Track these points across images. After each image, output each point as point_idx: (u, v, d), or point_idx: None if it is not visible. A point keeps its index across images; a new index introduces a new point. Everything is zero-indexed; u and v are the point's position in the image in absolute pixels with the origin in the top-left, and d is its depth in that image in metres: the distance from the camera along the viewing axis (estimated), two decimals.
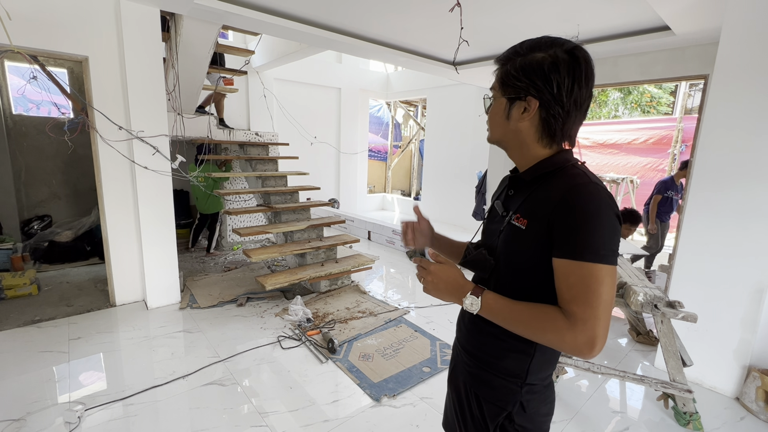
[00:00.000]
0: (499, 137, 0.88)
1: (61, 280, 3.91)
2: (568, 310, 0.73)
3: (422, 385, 2.37)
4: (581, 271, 0.72)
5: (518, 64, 0.81)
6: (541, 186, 0.83)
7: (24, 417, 1.98)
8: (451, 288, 0.85)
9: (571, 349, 0.72)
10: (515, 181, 0.91)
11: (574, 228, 0.73)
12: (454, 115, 7.18)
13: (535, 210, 0.80)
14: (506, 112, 0.84)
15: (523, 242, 0.81)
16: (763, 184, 2.14)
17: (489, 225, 0.96)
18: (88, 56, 2.87)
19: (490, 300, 0.81)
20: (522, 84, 0.80)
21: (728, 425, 2.12)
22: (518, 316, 0.78)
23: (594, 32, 3.36)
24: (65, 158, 4.90)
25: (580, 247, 0.72)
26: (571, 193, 0.75)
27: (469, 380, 0.96)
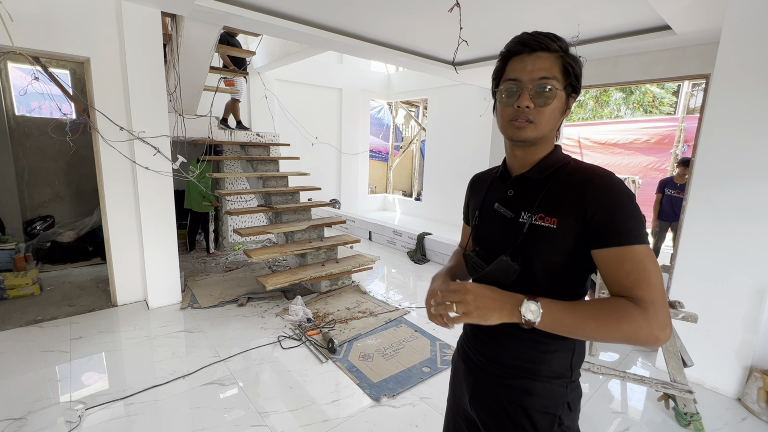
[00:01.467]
0: (546, 134, 0.82)
1: (64, 280, 3.93)
2: (634, 296, 0.70)
3: (422, 385, 2.37)
4: (634, 255, 0.71)
5: (574, 59, 0.79)
6: (556, 182, 0.81)
7: (25, 416, 1.99)
8: (498, 302, 0.74)
9: (647, 337, 0.68)
10: (519, 180, 0.87)
11: (618, 215, 0.73)
12: (455, 116, 7.18)
13: (561, 207, 0.78)
14: (563, 107, 0.81)
15: (557, 241, 0.78)
16: (764, 183, 2.13)
17: (489, 229, 0.90)
18: (89, 57, 2.89)
19: (549, 303, 0.72)
20: (578, 78, 0.80)
21: (729, 426, 2.11)
22: (586, 317, 0.71)
23: (594, 32, 3.35)
24: (68, 159, 4.92)
25: (628, 232, 0.72)
26: (603, 183, 0.75)
27: (507, 394, 0.87)
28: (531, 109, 0.78)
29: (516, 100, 0.79)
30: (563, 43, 0.79)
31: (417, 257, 4.97)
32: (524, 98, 0.78)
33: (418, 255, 4.98)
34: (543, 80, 0.76)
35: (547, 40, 0.78)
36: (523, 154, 0.85)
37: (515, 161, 0.88)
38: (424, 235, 5.07)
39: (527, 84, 0.77)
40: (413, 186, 10.67)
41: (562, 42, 0.79)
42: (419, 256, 4.97)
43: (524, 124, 0.79)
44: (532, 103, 0.78)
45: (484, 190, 0.97)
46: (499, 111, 0.84)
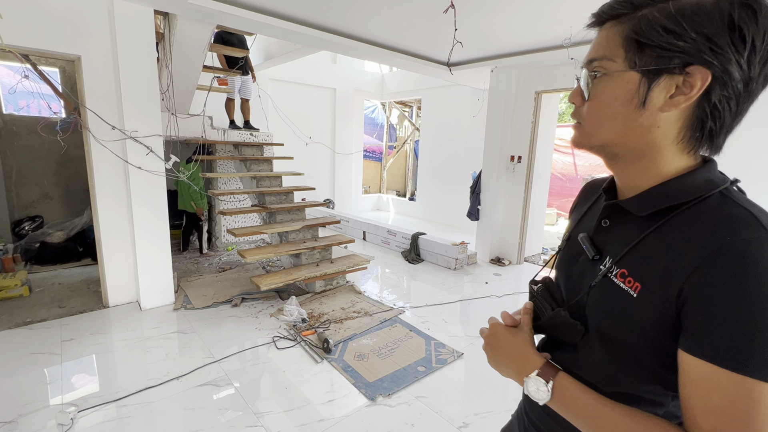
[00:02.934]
0: (613, 138, 0.55)
1: (53, 282, 3.87)
2: None
3: (417, 384, 2.38)
4: (738, 388, 0.44)
5: (674, 8, 0.47)
6: (666, 226, 0.53)
7: (16, 419, 1.96)
8: (508, 357, 0.61)
9: None
10: (616, 209, 0.61)
11: (741, 317, 0.43)
12: (448, 116, 7.21)
13: (653, 269, 0.52)
14: (641, 96, 0.51)
15: (633, 317, 0.53)
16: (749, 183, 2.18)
17: (567, 266, 0.68)
18: (80, 55, 2.85)
19: (568, 390, 0.55)
20: (681, 44, 0.47)
21: None
22: (609, 423, 0.50)
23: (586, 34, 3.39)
24: (57, 158, 4.85)
25: (744, 351, 0.43)
26: (736, 251, 0.45)
27: None
28: (578, 105, 0.58)
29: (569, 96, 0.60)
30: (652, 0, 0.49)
31: (411, 257, 4.98)
32: (574, 92, 0.58)
33: (413, 255, 5.00)
34: (591, 63, 0.55)
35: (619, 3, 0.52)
36: (615, 171, 0.61)
37: (618, 181, 0.62)
38: (418, 234, 5.09)
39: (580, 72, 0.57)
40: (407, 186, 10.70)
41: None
42: (413, 255, 4.99)
43: (576, 127, 0.59)
44: (579, 97, 0.57)
45: (586, 206, 0.72)
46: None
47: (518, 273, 4.69)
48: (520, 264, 5.01)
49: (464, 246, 4.75)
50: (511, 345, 0.62)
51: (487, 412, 2.17)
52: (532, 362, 0.59)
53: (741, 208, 0.49)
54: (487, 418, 2.12)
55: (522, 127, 4.77)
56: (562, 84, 4.35)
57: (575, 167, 8.40)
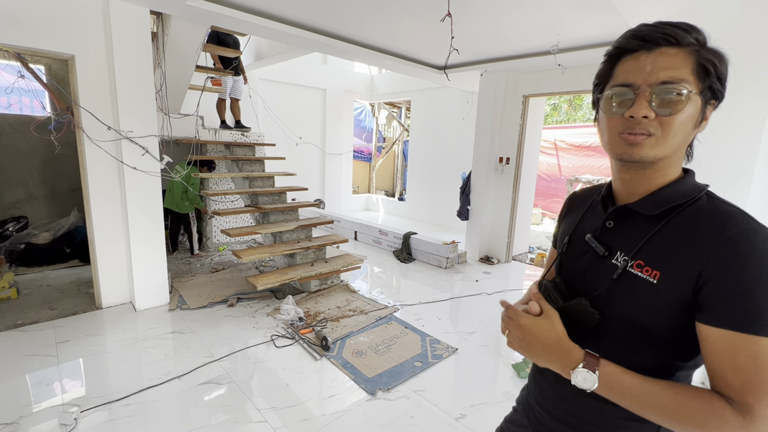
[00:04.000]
0: (673, 150, 0.63)
1: (41, 283, 3.80)
2: (740, 400, 0.54)
3: (415, 379, 2.46)
4: (757, 348, 0.53)
5: (716, 55, 0.61)
6: (673, 223, 0.63)
7: (17, 420, 1.96)
8: (548, 351, 0.64)
9: None
10: (622, 212, 0.70)
11: (751, 289, 0.54)
12: (437, 117, 7.33)
13: (670, 258, 0.61)
14: (700, 116, 0.63)
15: (655, 302, 0.61)
16: (724, 187, 2.34)
17: (574, 263, 0.76)
18: (74, 55, 2.83)
19: (612, 375, 0.60)
20: (724, 81, 0.63)
21: None
22: (657, 402, 0.57)
23: (573, 41, 3.54)
24: (42, 158, 4.75)
25: (757, 316, 0.53)
26: (741, 238, 0.56)
27: None
28: (651, 119, 0.61)
29: (629, 110, 0.62)
30: (701, 36, 0.61)
31: (403, 256, 5.07)
32: (640, 106, 0.61)
33: (404, 254, 5.09)
34: (667, 84, 0.60)
35: (676, 31, 0.60)
36: (634, 178, 0.67)
37: (623, 187, 0.70)
38: (409, 234, 5.18)
39: (645, 89, 0.61)
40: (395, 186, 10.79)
41: (699, 34, 0.62)
42: (405, 255, 5.08)
43: (641, 139, 0.61)
44: (652, 111, 0.60)
45: (580, 213, 0.80)
46: (604, 123, 0.66)
47: (507, 271, 4.83)
48: (508, 262, 5.16)
49: (455, 245, 4.87)
50: (550, 340, 0.64)
51: (482, 404, 2.27)
52: (576, 355, 0.62)
53: (729, 206, 0.62)
54: (482, 408, 2.22)
55: (510, 129, 4.91)
56: (548, 88, 4.50)
57: (559, 168, 8.65)
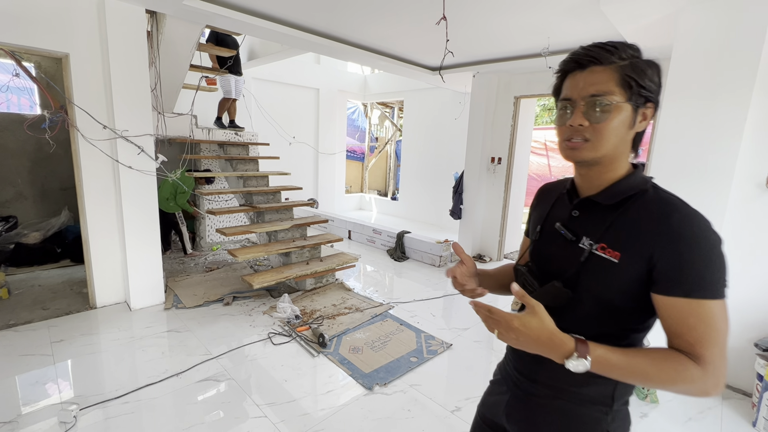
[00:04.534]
0: (608, 152, 0.74)
1: (32, 284, 3.76)
2: (695, 353, 0.66)
3: (411, 374, 2.52)
4: (702, 310, 0.66)
5: (641, 65, 0.72)
6: (628, 212, 0.74)
7: (15, 419, 1.96)
8: (544, 347, 0.70)
9: (700, 394, 0.67)
10: (586, 203, 0.81)
11: (691, 264, 0.66)
12: (430, 117, 7.40)
13: (627, 241, 0.72)
14: (631, 122, 0.73)
15: (618, 278, 0.72)
16: (708, 186, 2.44)
17: (546, 249, 0.86)
18: (68, 53, 2.81)
19: (602, 357, 0.68)
20: (653, 87, 0.73)
21: (679, 398, 2.40)
22: (641, 370, 0.67)
23: (562, 44, 3.64)
24: (32, 157, 4.68)
25: (699, 284, 0.66)
26: (681, 225, 0.68)
27: (542, 414, 0.85)
28: (586, 126, 0.72)
29: (569, 119, 0.74)
30: (626, 52, 0.71)
31: (397, 255, 5.12)
32: (576, 116, 0.73)
33: (398, 253, 5.14)
34: (595, 97, 0.71)
35: (600, 52, 0.71)
36: (587, 174, 0.79)
37: (582, 181, 0.82)
38: (403, 233, 5.24)
39: (579, 102, 0.73)
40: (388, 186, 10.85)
41: (625, 50, 0.71)
42: (399, 254, 5.13)
43: (579, 144, 0.73)
44: (585, 120, 0.72)
45: (549, 203, 0.91)
46: (556, 132, 0.79)
47: None
48: (500, 260, 5.25)
49: (448, 244, 4.94)
50: (543, 337, 0.69)
51: (477, 397, 2.30)
52: (569, 346, 0.68)
53: (671, 195, 0.74)
54: (476, 401, 2.26)
55: (502, 130, 5.00)
56: (539, 90, 4.60)
57: (549, 168, 8.81)
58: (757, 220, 2.38)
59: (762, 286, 2.40)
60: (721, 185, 2.39)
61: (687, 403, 2.35)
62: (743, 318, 2.47)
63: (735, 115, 2.31)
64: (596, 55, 0.72)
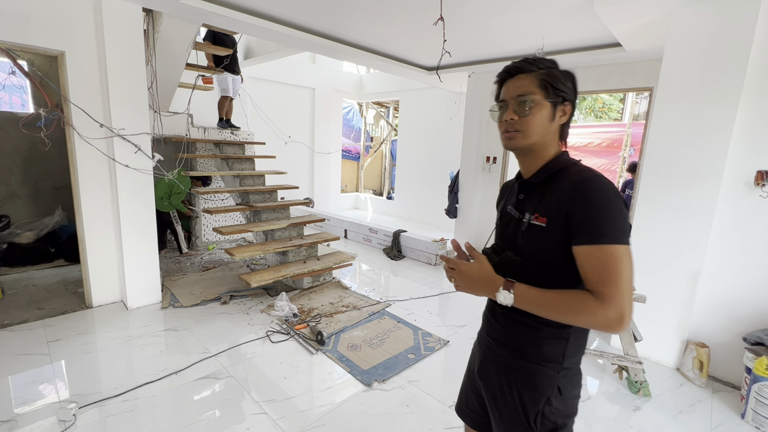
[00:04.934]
0: (536, 140, 0.92)
1: (26, 283, 3.73)
2: (597, 290, 0.80)
3: (409, 370, 2.55)
4: (602, 253, 0.80)
5: (556, 73, 0.92)
6: (552, 185, 0.91)
7: (14, 418, 1.95)
8: (481, 284, 0.89)
9: (603, 326, 0.79)
10: (525, 185, 0.99)
11: (590, 216, 0.81)
12: (426, 117, 7.44)
13: (551, 208, 0.88)
14: (551, 116, 0.92)
15: (546, 238, 0.89)
16: (698, 185, 2.50)
17: (504, 230, 1.03)
18: (64, 51, 2.80)
19: (522, 292, 0.86)
20: (566, 89, 0.92)
21: (670, 391, 2.47)
22: (551, 303, 0.83)
23: (557, 45, 3.69)
24: (24, 155, 4.63)
25: (598, 232, 0.80)
26: (583, 185, 0.84)
27: (505, 371, 1.00)
28: (516, 120, 0.92)
29: (503, 116, 0.94)
30: (542, 63, 0.92)
31: (393, 254, 5.15)
32: (509, 112, 0.93)
33: (394, 252, 5.17)
34: (521, 96, 0.91)
35: (524, 64, 0.93)
36: (523, 160, 0.99)
37: (522, 167, 1.02)
38: (399, 232, 5.27)
39: (510, 101, 0.93)
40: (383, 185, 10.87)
41: (541, 62, 0.92)
42: (395, 252, 5.16)
43: (513, 134, 0.93)
44: (515, 115, 0.92)
45: (506, 194, 1.10)
46: (496, 127, 0.99)
47: None
48: None
49: (443, 242, 4.97)
50: (482, 276, 0.90)
51: None
52: (498, 282, 0.88)
53: (584, 167, 0.91)
54: None
55: (496, 129, 5.01)
56: None
57: None
58: (745, 218, 2.44)
59: (750, 282, 2.46)
60: (711, 183, 2.45)
61: (678, 397, 2.41)
62: (732, 313, 2.54)
63: (724, 114, 2.37)
64: (521, 66, 0.93)
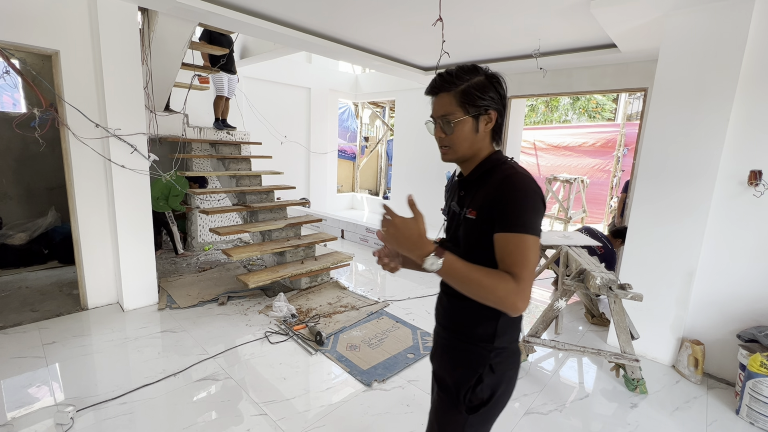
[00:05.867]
0: (466, 152, 1.01)
1: (19, 285, 3.69)
2: (512, 272, 0.88)
3: (408, 370, 2.55)
4: (515, 240, 0.90)
5: (473, 86, 0.97)
6: (484, 182, 1.00)
7: (11, 422, 1.93)
8: (410, 244, 0.87)
9: (511, 303, 0.85)
10: (464, 183, 1.08)
11: (508, 209, 0.92)
12: (422, 117, 7.44)
13: (480, 202, 0.98)
14: (475, 128, 0.99)
15: (476, 229, 0.98)
16: (693, 184, 2.54)
17: (449, 224, 1.13)
18: (59, 50, 2.77)
19: (451, 261, 0.88)
20: (485, 101, 0.98)
21: (666, 388, 2.50)
22: (474, 277, 0.87)
23: (553, 46, 3.72)
24: (16, 156, 4.57)
25: (512, 222, 0.91)
26: (504, 182, 0.94)
27: (447, 351, 1.10)
28: (444, 138, 1.00)
29: (434, 132, 1.03)
30: (459, 79, 0.97)
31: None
32: (437, 131, 1.02)
33: None
34: (444, 117, 0.99)
35: (442, 84, 0.98)
36: (463, 165, 1.08)
37: (463, 170, 1.11)
38: None
39: (437, 120, 1.01)
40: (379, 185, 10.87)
41: (460, 78, 0.97)
42: None
43: (445, 150, 1.03)
44: (443, 133, 1.00)
45: (452, 191, 1.19)
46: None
47: None
48: None
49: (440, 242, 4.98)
50: (414, 235, 0.87)
51: None
52: (430, 247, 0.87)
53: (510, 166, 0.99)
54: None
55: None
56: (530, 90, 4.68)
57: (538, 167, 8.95)
58: (739, 217, 2.48)
59: (744, 280, 2.50)
60: (706, 183, 2.49)
61: (674, 393, 2.44)
62: (726, 310, 2.57)
63: (719, 115, 2.40)
64: (440, 86, 0.99)
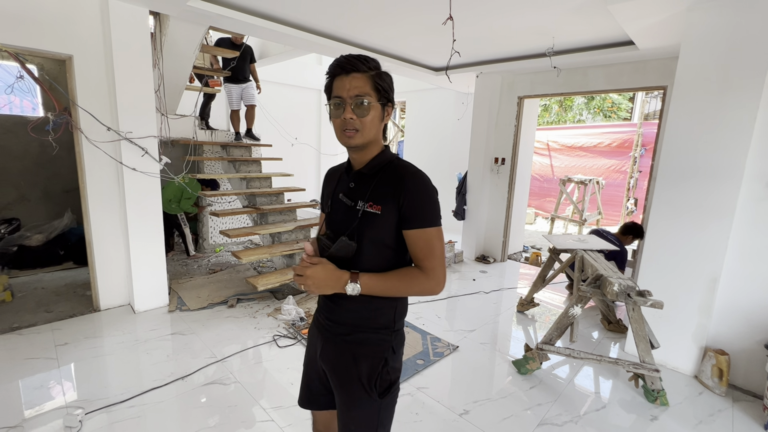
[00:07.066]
0: (371, 138, 1.01)
1: (36, 286, 3.75)
2: (423, 265, 0.99)
3: (418, 377, 2.50)
4: (426, 235, 0.97)
5: (384, 75, 1.00)
6: (383, 176, 1.02)
7: (21, 424, 1.94)
8: (331, 283, 0.97)
9: (427, 292, 0.99)
10: (356, 176, 1.07)
11: (419, 206, 0.97)
12: (433, 118, 7.38)
13: (384, 197, 0.99)
14: (381, 116, 1.01)
15: (381, 224, 0.99)
16: (716, 186, 2.42)
17: (336, 216, 1.10)
18: (72, 55, 2.80)
19: (367, 280, 0.98)
20: (389, 93, 1.01)
21: (689, 400, 2.38)
22: (392, 284, 0.99)
23: (567, 44, 3.62)
24: (34, 159, 4.67)
25: (424, 218, 0.97)
26: (412, 180, 0.98)
27: (346, 347, 1.08)
28: (355, 120, 0.97)
29: (342, 113, 0.97)
30: (373, 64, 0.98)
31: None
32: (347, 111, 0.97)
33: None
34: (358, 96, 0.96)
35: (358, 63, 0.96)
36: (355, 155, 1.06)
37: (354, 161, 1.09)
38: None
39: (348, 100, 0.96)
40: None
41: (372, 63, 0.98)
42: None
43: (352, 133, 0.99)
44: (354, 115, 0.97)
45: (335, 182, 1.15)
46: (333, 122, 1.02)
47: (503, 270, 4.90)
48: (504, 261, 5.23)
49: (451, 245, 4.92)
50: (329, 275, 0.97)
51: (485, 399, 2.31)
52: (345, 277, 0.98)
53: (406, 163, 1.04)
54: (485, 404, 2.26)
55: (505, 130, 4.98)
56: (543, 90, 4.58)
57: (552, 168, 8.78)
58: (766, 220, 2.36)
59: None
60: (731, 185, 2.37)
61: (697, 406, 2.33)
62: (753, 319, 2.45)
63: (744, 114, 2.29)
64: (355, 65, 0.97)
